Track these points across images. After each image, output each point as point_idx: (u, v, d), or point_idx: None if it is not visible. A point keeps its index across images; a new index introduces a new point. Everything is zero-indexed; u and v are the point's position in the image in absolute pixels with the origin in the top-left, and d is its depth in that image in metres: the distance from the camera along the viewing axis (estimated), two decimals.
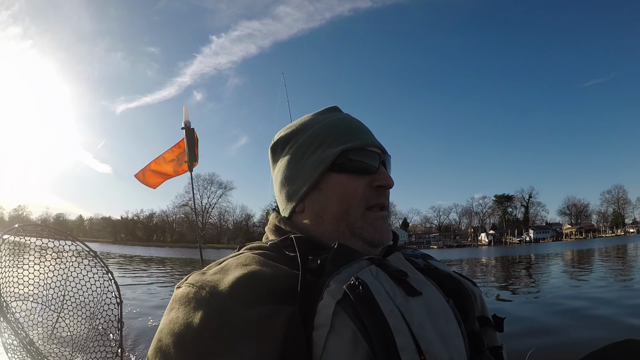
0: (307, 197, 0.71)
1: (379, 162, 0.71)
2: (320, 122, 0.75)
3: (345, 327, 0.49)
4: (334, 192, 0.69)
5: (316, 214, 0.70)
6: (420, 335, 0.49)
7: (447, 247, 78.54)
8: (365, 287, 0.51)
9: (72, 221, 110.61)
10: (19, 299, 2.67)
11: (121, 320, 2.86)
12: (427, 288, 0.56)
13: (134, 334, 6.17)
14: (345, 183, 0.68)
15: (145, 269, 21.85)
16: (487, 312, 0.71)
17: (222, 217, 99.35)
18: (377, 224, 0.68)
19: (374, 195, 0.69)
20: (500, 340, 0.70)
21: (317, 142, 0.72)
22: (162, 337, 0.54)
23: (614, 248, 33.34)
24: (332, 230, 0.69)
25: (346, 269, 0.55)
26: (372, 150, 0.71)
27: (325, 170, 0.69)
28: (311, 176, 0.70)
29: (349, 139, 0.71)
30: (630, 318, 7.03)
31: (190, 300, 0.55)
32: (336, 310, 0.50)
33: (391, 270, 0.56)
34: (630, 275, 13.82)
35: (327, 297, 0.52)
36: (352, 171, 0.69)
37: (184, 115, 3.77)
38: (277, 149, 0.78)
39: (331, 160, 0.69)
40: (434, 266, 0.70)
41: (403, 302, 0.52)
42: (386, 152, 0.75)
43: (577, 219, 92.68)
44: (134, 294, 10.91)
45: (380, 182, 0.69)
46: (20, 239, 2.75)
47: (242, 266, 0.60)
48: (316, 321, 0.51)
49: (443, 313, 0.54)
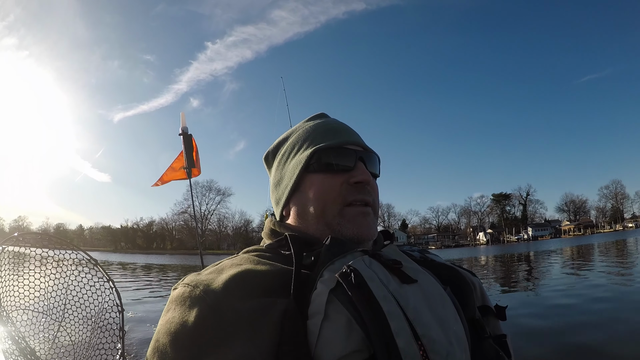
0: (290, 199, 0.75)
1: (356, 159, 0.72)
2: (303, 128, 0.80)
3: (339, 314, 0.50)
4: (310, 192, 0.71)
5: (300, 215, 0.73)
6: (417, 320, 0.49)
7: (445, 247, 78.40)
8: (357, 274, 0.52)
9: (73, 231, 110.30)
10: (20, 308, 2.67)
11: (123, 329, 2.85)
12: (422, 276, 0.56)
13: (136, 342, 6.15)
14: (320, 182, 0.71)
15: (147, 276, 21.82)
16: (488, 301, 0.70)
17: (221, 223, 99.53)
18: (356, 220, 0.69)
19: (351, 192, 0.70)
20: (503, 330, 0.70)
21: (297, 147, 0.77)
22: (160, 337, 0.55)
23: (609, 244, 33.64)
24: (315, 229, 0.70)
25: (339, 260, 0.56)
26: (348, 148, 0.73)
27: (302, 172, 0.73)
28: (291, 179, 0.74)
29: (323, 140, 0.74)
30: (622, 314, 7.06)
31: (186, 299, 0.56)
32: (329, 299, 0.51)
33: (385, 259, 0.57)
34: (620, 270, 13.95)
35: (321, 286, 0.53)
36: (325, 170, 0.71)
37: (181, 121, 3.78)
38: (268, 159, 0.85)
39: (305, 162, 0.72)
40: (431, 258, 0.71)
41: (397, 288, 0.52)
42: (369, 150, 0.77)
43: (576, 215, 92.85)
44: (136, 302, 10.88)
45: (357, 178, 0.70)
46: (20, 248, 2.75)
47: (236, 265, 0.61)
48: (310, 310, 0.52)
49: (440, 299, 0.54)
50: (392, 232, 0.82)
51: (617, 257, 20.81)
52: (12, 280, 2.68)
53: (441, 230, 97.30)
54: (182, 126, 3.71)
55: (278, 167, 0.80)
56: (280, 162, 0.79)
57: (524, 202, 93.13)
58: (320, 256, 0.59)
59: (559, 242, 57.47)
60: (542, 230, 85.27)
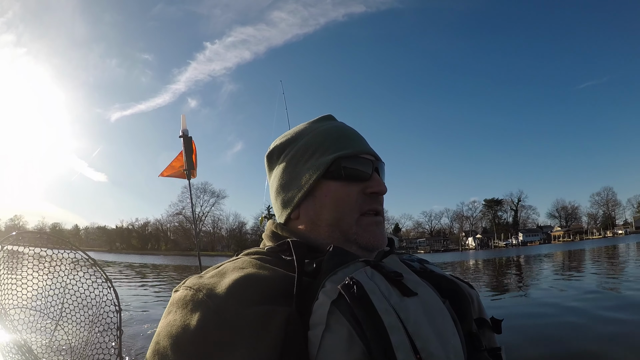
0: (302, 204, 0.73)
1: (372, 169, 0.72)
2: (315, 130, 0.77)
3: (340, 325, 0.50)
4: (327, 200, 0.70)
5: (311, 220, 0.72)
6: (416, 334, 0.49)
7: (434, 251, 78.93)
8: (360, 287, 0.52)
9: (68, 230, 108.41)
10: (17, 307, 2.68)
11: (120, 328, 2.87)
12: (422, 288, 0.56)
13: (134, 342, 6.14)
14: (338, 190, 0.70)
15: (143, 276, 21.71)
16: (484, 314, 0.71)
17: (215, 225, 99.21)
18: (371, 229, 0.69)
19: (367, 202, 0.70)
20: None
21: (311, 150, 0.74)
22: (160, 339, 0.55)
23: (593, 250, 34.63)
24: (327, 236, 0.70)
25: (342, 270, 0.56)
26: (365, 158, 0.73)
27: (319, 177, 0.71)
28: (305, 184, 0.72)
29: (342, 146, 0.73)
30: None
31: (188, 302, 0.56)
32: (331, 310, 0.51)
33: (386, 271, 0.57)
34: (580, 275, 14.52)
35: (323, 296, 0.53)
36: (345, 178, 0.70)
37: (182, 123, 3.79)
38: (272, 157, 0.81)
39: (325, 168, 0.71)
40: (430, 269, 0.71)
41: (398, 301, 0.52)
42: (379, 159, 0.76)
43: (567, 221, 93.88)
44: (133, 302, 10.81)
45: (374, 188, 0.70)
46: (18, 247, 2.76)
47: (239, 269, 0.61)
48: (312, 320, 0.52)
49: (439, 312, 0.54)
50: (393, 239, 0.80)
51: (590, 263, 21.76)
52: (9, 278, 2.69)
53: (434, 235, 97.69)
54: (183, 128, 3.72)
55: (287, 167, 0.76)
56: (290, 163, 0.76)
57: (515, 207, 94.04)
58: (323, 265, 0.58)
59: (545, 247, 58.25)
60: (533, 236, 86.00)
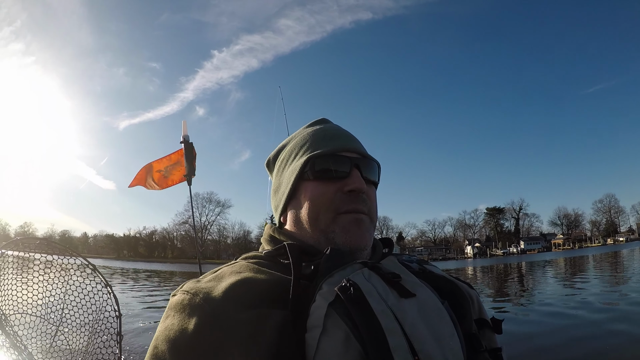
0: (287, 206, 0.75)
1: (351, 167, 0.71)
2: (301, 134, 0.80)
3: (337, 327, 0.50)
4: (304, 200, 0.71)
5: (295, 222, 0.73)
6: (414, 335, 0.49)
7: (432, 260, 78.61)
8: (357, 288, 0.52)
9: (77, 238, 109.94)
10: (18, 312, 2.69)
11: (120, 333, 2.87)
12: (420, 290, 0.56)
13: (133, 347, 6.13)
14: (313, 190, 0.70)
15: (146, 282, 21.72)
16: (485, 315, 0.70)
17: (221, 234, 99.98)
18: (349, 228, 0.68)
19: (345, 201, 0.69)
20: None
21: (294, 154, 0.76)
22: (158, 343, 0.56)
23: (588, 258, 34.96)
24: (310, 237, 0.70)
25: (338, 272, 0.56)
26: (343, 155, 0.72)
27: (297, 179, 0.72)
28: (287, 187, 0.74)
29: (318, 146, 0.73)
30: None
31: (185, 306, 0.57)
32: (328, 312, 0.51)
33: (384, 272, 0.57)
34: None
35: (319, 299, 0.53)
36: (319, 178, 0.70)
37: (183, 129, 3.80)
38: (269, 165, 0.85)
39: (300, 170, 0.72)
40: (429, 270, 0.69)
41: (396, 302, 0.52)
42: (367, 157, 0.75)
43: (569, 229, 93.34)
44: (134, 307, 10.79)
45: (350, 186, 0.69)
46: (20, 253, 2.78)
47: (235, 273, 0.61)
48: (309, 323, 0.52)
49: (437, 314, 0.53)
50: (391, 240, 0.80)
51: (581, 271, 22.19)
52: (11, 284, 2.71)
53: (437, 243, 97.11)
54: (184, 134, 3.73)
55: (277, 173, 0.80)
56: (279, 169, 0.80)
57: (516, 216, 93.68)
58: (320, 267, 0.58)
59: (543, 255, 58.19)
60: (534, 244, 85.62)
